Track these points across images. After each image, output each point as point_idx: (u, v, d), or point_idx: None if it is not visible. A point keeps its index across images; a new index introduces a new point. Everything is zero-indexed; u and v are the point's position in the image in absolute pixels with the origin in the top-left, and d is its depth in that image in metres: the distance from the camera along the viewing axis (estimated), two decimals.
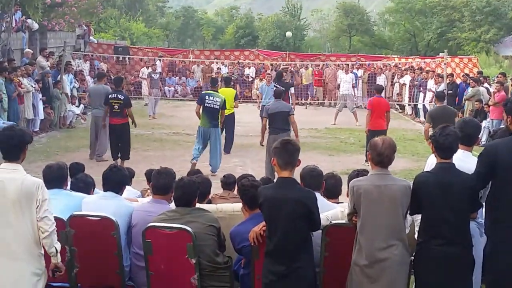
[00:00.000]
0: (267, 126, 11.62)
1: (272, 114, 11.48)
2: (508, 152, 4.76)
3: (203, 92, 13.19)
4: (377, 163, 4.76)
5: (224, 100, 12.49)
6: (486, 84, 18.89)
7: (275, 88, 13.27)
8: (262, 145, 12.35)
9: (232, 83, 18.39)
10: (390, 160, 4.77)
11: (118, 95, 12.69)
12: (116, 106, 12.58)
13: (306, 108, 24.88)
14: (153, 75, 22.31)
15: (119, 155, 12.89)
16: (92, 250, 5.21)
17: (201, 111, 12.45)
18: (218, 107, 12.33)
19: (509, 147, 4.79)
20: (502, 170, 4.74)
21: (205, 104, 12.33)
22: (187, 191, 5.16)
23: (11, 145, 4.61)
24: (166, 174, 5.50)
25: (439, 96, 12.44)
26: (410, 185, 4.81)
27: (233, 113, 14.91)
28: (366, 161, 13.30)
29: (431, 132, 7.93)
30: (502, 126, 13.71)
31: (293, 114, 11.61)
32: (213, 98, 12.38)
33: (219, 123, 12.52)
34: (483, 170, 4.82)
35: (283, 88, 13.69)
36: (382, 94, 24.38)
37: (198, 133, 12.63)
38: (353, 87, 22.21)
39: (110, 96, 12.78)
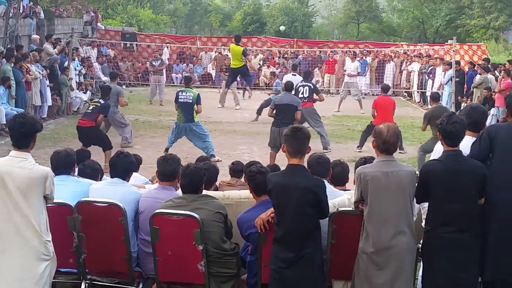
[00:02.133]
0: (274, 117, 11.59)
1: (279, 106, 11.44)
2: (506, 134, 5.00)
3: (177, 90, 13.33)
4: (383, 150, 4.75)
5: (198, 96, 12.62)
6: (496, 72, 18.76)
7: (286, 81, 13.27)
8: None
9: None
10: (395, 147, 4.77)
11: (101, 100, 12.28)
12: (90, 107, 12.10)
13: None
14: (154, 62, 22.26)
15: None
16: (99, 236, 5.23)
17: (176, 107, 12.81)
18: (191, 101, 12.53)
19: (508, 130, 5.07)
20: (499, 150, 4.95)
21: (179, 99, 12.63)
22: (194, 178, 5.16)
23: (22, 133, 4.63)
24: (172, 160, 5.50)
25: (433, 98, 12.54)
26: (416, 171, 4.81)
27: (245, 65, 18.52)
28: (358, 146, 13.65)
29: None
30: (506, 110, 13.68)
31: (301, 110, 11.54)
32: (186, 94, 12.65)
33: (194, 117, 12.61)
34: (482, 147, 5.01)
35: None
36: (390, 82, 24.68)
37: (174, 127, 12.93)
38: (358, 75, 22.08)
39: (94, 99, 12.64)
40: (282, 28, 39.63)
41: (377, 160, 4.83)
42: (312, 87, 14.16)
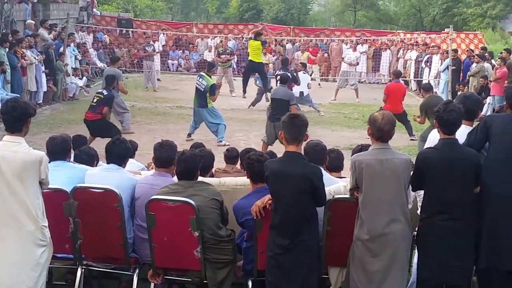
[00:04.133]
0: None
1: (273, 99, 11.41)
2: (503, 124, 5.06)
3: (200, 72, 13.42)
4: (378, 138, 4.76)
5: (211, 86, 12.67)
6: (492, 61, 18.77)
7: (281, 73, 13.24)
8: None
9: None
10: (390, 135, 4.77)
11: (104, 90, 12.01)
12: (95, 100, 11.84)
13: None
14: (146, 48, 22.20)
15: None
16: (95, 222, 5.22)
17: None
18: (202, 89, 12.68)
19: (505, 120, 5.14)
20: (495, 140, 5.00)
21: (196, 84, 12.91)
22: (190, 165, 5.16)
23: (14, 117, 4.61)
24: (168, 146, 5.49)
25: (425, 88, 12.45)
26: (411, 158, 4.82)
27: (261, 62, 17.89)
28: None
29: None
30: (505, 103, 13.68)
31: (295, 104, 11.42)
32: (201, 80, 12.79)
33: (207, 104, 12.73)
34: (479, 137, 5.07)
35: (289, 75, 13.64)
36: (386, 70, 24.66)
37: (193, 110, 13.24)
38: (356, 64, 22.04)
39: (98, 90, 12.47)
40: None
41: (372, 147, 4.84)
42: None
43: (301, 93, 16.45)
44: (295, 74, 16.34)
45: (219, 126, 12.80)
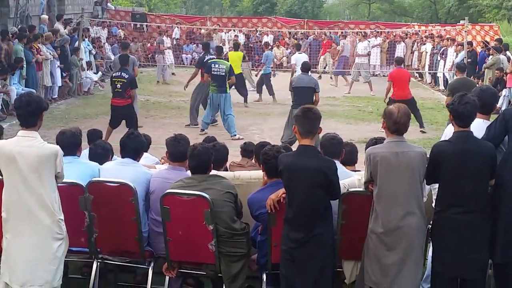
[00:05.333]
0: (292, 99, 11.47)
1: (296, 88, 11.34)
2: None
3: (210, 60, 13.33)
4: (394, 131, 4.74)
5: (230, 67, 12.95)
6: (508, 53, 18.59)
7: (303, 62, 13.21)
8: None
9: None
10: (406, 127, 4.75)
11: (122, 73, 11.55)
12: (118, 85, 11.37)
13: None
14: (161, 43, 22.38)
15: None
16: (110, 216, 5.25)
17: (210, 78, 12.99)
18: (224, 73, 12.83)
19: None
20: None
21: (212, 72, 12.89)
22: (203, 159, 5.15)
23: (28, 111, 4.64)
24: (183, 141, 5.50)
25: (460, 67, 12.28)
26: (426, 152, 4.79)
27: (241, 73, 17.14)
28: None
29: None
30: None
31: (318, 92, 11.39)
32: (219, 66, 12.90)
33: (227, 89, 12.96)
34: (498, 130, 4.99)
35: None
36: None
37: (209, 99, 13.20)
38: (368, 55, 21.90)
39: (114, 74, 12.02)
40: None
41: (387, 140, 4.82)
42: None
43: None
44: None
45: (229, 117, 12.91)
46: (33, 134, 4.65)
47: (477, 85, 13.03)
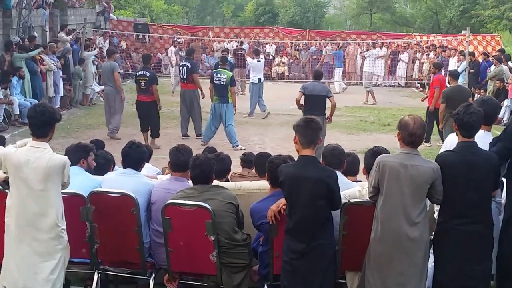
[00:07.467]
0: (304, 106, 11.25)
1: (309, 96, 11.22)
2: None
3: (213, 70, 13.56)
4: (408, 143, 4.68)
5: (231, 78, 12.96)
6: (510, 63, 18.59)
7: (315, 70, 13.27)
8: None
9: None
10: (421, 140, 4.72)
11: (144, 71, 12.81)
12: (142, 83, 12.66)
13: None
14: (180, 53, 22.55)
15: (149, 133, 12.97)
16: (112, 226, 5.24)
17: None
18: (224, 83, 12.84)
19: None
20: None
21: (214, 81, 13.02)
22: (205, 169, 5.14)
23: (41, 121, 4.66)
24: (185, 151, 5.50)
25: (453, 75, 12.21)
26: (438, 167, 4.68)
27: None
28: (426, 141, 12.67)
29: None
30: None
31: (332, 96, 11.33)
32: (220, 75, 12.96)
33: (229, 98, 12.91)
34: (508, 145, 4.90)
35: None
36: (403, 73, 24.59)
37: (211, 110, 13.22)
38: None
39: (137, 73, 13.19)
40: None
41: (400, 151, 4.74)
42: (190, 66, 13.82)
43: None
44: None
45: (229, 127, 12.89)
46: (43, 146, 4.67)
47: (479, 96, 13.07)
